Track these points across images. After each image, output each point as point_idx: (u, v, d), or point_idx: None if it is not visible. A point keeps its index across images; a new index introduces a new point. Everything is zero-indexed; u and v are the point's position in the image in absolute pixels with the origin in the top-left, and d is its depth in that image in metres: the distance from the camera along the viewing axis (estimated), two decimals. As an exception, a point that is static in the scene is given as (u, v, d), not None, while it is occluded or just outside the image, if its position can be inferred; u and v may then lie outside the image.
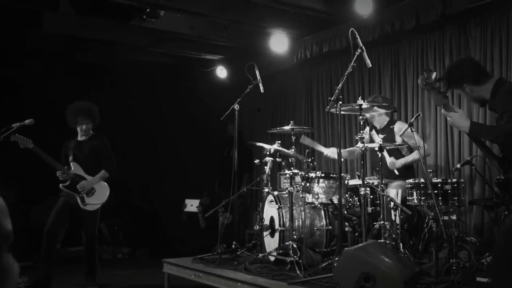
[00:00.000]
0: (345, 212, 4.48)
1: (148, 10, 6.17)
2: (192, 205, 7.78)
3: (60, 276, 5.27)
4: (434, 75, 2.95)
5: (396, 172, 4.77)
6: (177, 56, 8.16)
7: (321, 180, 4.48)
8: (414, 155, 4.83)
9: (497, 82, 2.87)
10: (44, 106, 6.82)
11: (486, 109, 4.97)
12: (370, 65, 3.94)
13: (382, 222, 4.09)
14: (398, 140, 4.81)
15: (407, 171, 4.88)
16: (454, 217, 4.01)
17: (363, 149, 4.10)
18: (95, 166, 5.13)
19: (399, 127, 4.89)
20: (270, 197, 4.80)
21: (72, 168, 5.08)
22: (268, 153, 4.90)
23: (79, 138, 5.24)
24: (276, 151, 4.89)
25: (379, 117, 5.04)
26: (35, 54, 7.40)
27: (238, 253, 4.90)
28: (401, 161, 4.84)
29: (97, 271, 5.10)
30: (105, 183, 5.17)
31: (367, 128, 5.19)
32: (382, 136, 4.29)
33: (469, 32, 5.27)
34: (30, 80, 7.47)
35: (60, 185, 5.00)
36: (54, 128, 5.61)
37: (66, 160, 5.16)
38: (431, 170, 4.26)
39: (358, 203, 4.46)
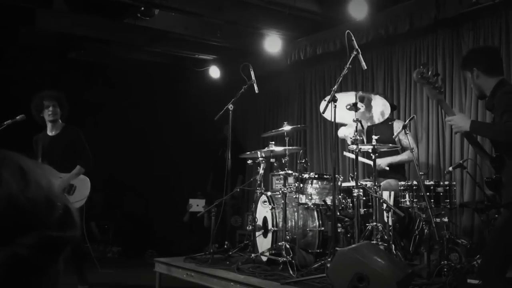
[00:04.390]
0: (338, 214, 4.51)
1: (142, 8, 6.15)
2: (198, 205, 7.72)
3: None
4: (430, 70, 2.96)
5: (387, 168, 4.81)
6: (171, 55, 8.15)
7: (314, 181, 4.51)
8: (403, 156, 4.88)
9: (499, 82, 2.85)
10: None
11: (478, 109, 5.04)
12: (365, 67, 3.98)
13: (374, 223, 4.12)
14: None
15: (397, 169, 4.93)
16: (445, 219, 4.06)
17: (356, 151, 4.12)
18: (70, 162, 4.70)
19: (398, 125, 4.92)
20: (264, 198, 4.81)
21: None
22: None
23: (49, 132, 4.85)
24: None
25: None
26: (28, 51, 7.34)
27: (231, 253, 4.90)
28: (387, 160, 4.86)
29: (98, 269, 5.01)
30: (84, 176, 4.77)
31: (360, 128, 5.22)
32: (376, 137, 4.30)
33: (462, 37, 5.32)
34: (22, 78, 7.40)
35: None
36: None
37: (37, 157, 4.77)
38: (423, 173, 4.29)
39: (351, 205, 4.49)
